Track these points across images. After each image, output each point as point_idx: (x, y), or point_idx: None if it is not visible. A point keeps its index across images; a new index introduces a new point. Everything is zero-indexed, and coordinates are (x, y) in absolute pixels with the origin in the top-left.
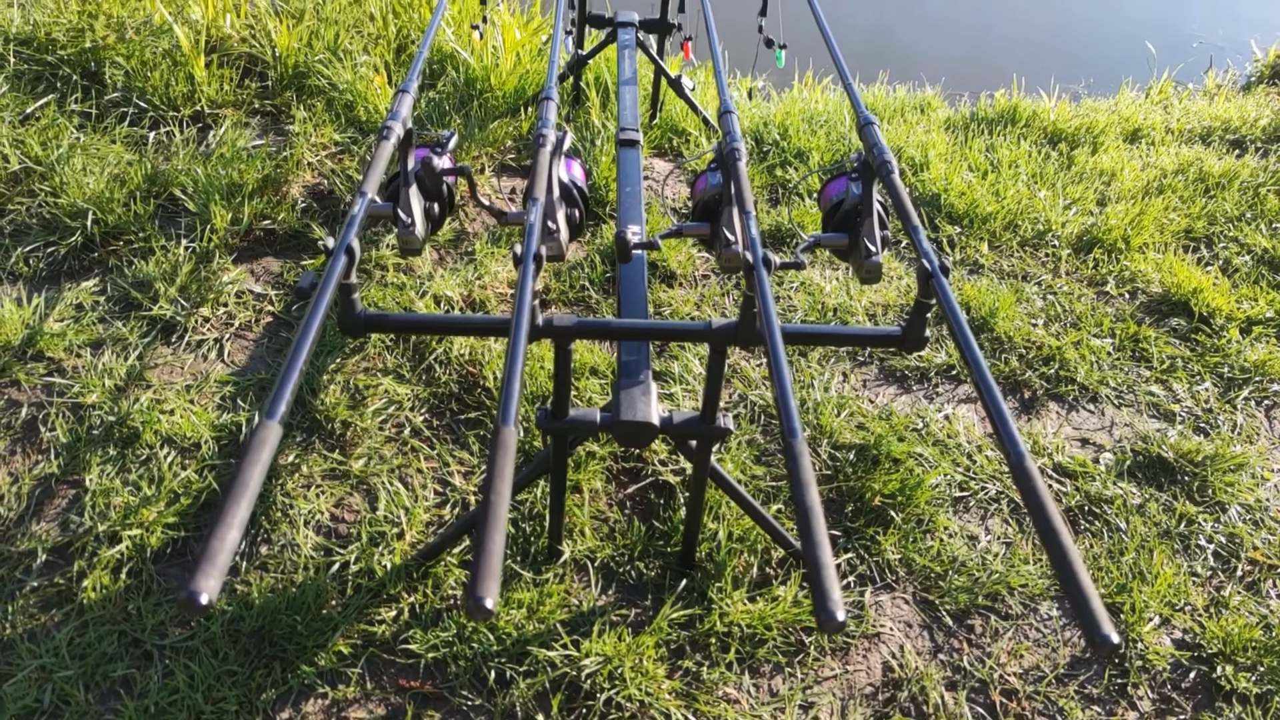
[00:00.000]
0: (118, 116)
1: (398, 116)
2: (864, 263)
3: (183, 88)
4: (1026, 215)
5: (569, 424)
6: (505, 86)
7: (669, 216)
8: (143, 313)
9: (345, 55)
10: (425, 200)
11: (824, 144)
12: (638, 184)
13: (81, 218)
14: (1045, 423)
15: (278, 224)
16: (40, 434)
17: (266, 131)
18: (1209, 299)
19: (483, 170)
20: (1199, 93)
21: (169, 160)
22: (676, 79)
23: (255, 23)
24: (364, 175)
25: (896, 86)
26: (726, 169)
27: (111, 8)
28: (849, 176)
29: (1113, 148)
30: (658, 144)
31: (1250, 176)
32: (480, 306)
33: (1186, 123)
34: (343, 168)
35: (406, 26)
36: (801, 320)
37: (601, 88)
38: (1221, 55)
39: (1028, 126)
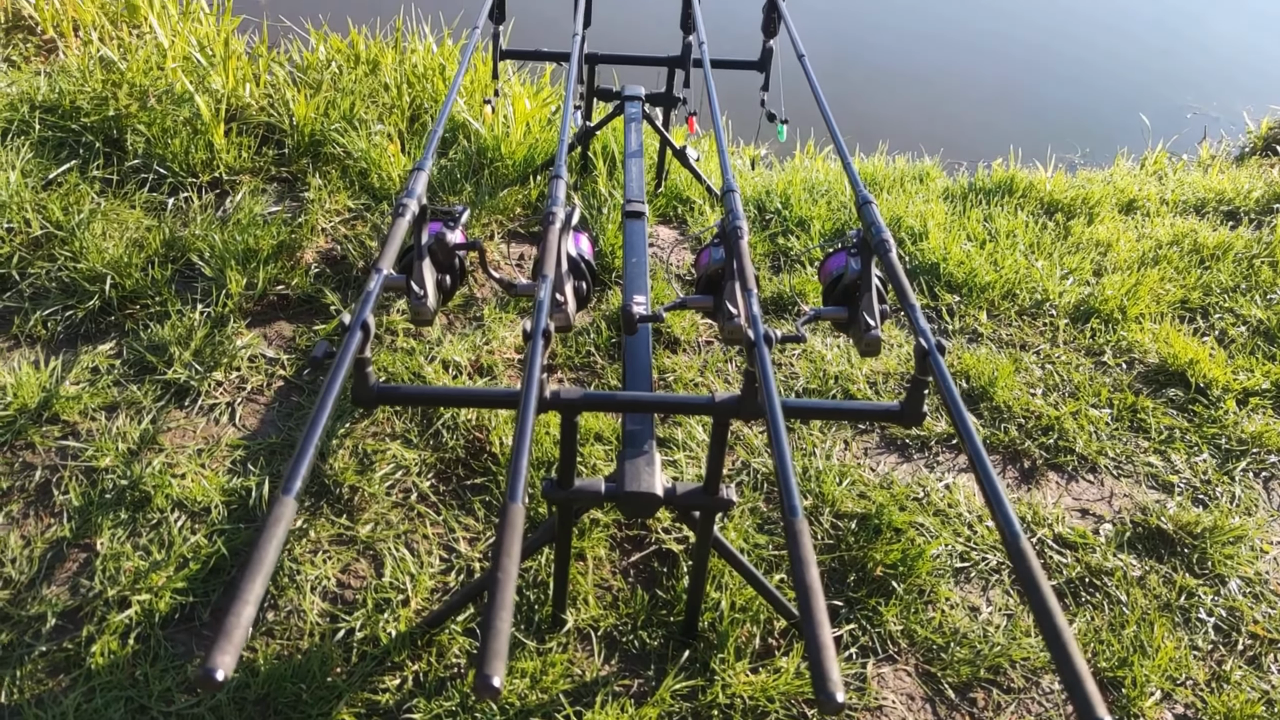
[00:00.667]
0: (138, 182)
1: (413, 194)
2: (863, 336)
3: (202, 155)
4: (1024, 285)
5: (575, 494)
6: (515, 155)
7: (673, 283)
8: (157, 376)
9: (360, 124)
10: (438, 272)
11: (825, 213)
12: (643, 254)
13: (100, 282)
14: (1045, 493)
15: (291, 289)
16: (54, 497)
17: (282, 198)
18: (1205, 370)
19: (492, 237)
20: (1193, 163)
21: (187, 226)
22: (681, 150)
23: (274, 92)
24: (380, 251)
25: (896, 157)
26: (729, 245)
27: (135, 77)
28: (848, 252)
29: (1108, 218)
30: (663, 212)
31: (1245, 248)
32: (488, 372)
33: (1181, 194)
34: (355, 233)
35: (420, 96)
36: (803, 387)
37: (608, 157)
38: (1215, 126)
39: (1025, 197)
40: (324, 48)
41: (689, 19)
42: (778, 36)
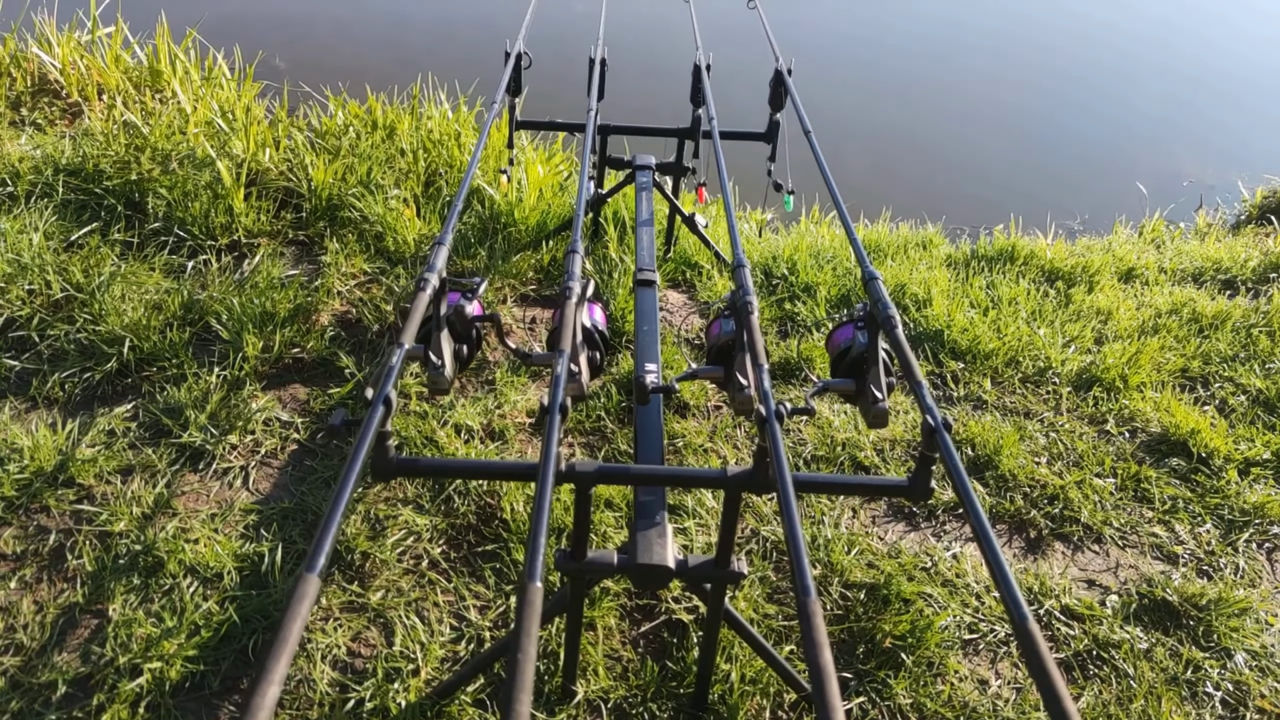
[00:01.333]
0: (158, 245)
1: (434, 268)
2: (871, 408)
3: (222, 218)
4: (1027, 352)
5: (588, 566)
6: (528, 221)
7: (682, 348)
8: (172, 440)
9: (377, 189)
10: (455, 342)
11: (830, 279)
12: (654, 322)
13: (118, 344)
14: (1051, 563)
15: (306, 352)
16: (67, 561)
17: (300, 260)
18: (1207, 439)
19: (505, 300)
20: (1190, 231)
21: (205, 288)
22: (690, 216)
23: (293, 157)
24: (402, 326)
25: (899, 224)
26: (740, 319)
27: (157, 141)
28: (855, 325)
29: (1108, 287)
30: (672, 276)
31: (1242, 317)
32: (500, 436)
33: (1179, 263)
34: (370, 296)
35: (435, 162)
36: (812, 455)
37: (619, 222)
38: (1211, 194)
39: (1026, 264)
40: (342, 113)
41: (699, 93)
42: (784, 110)
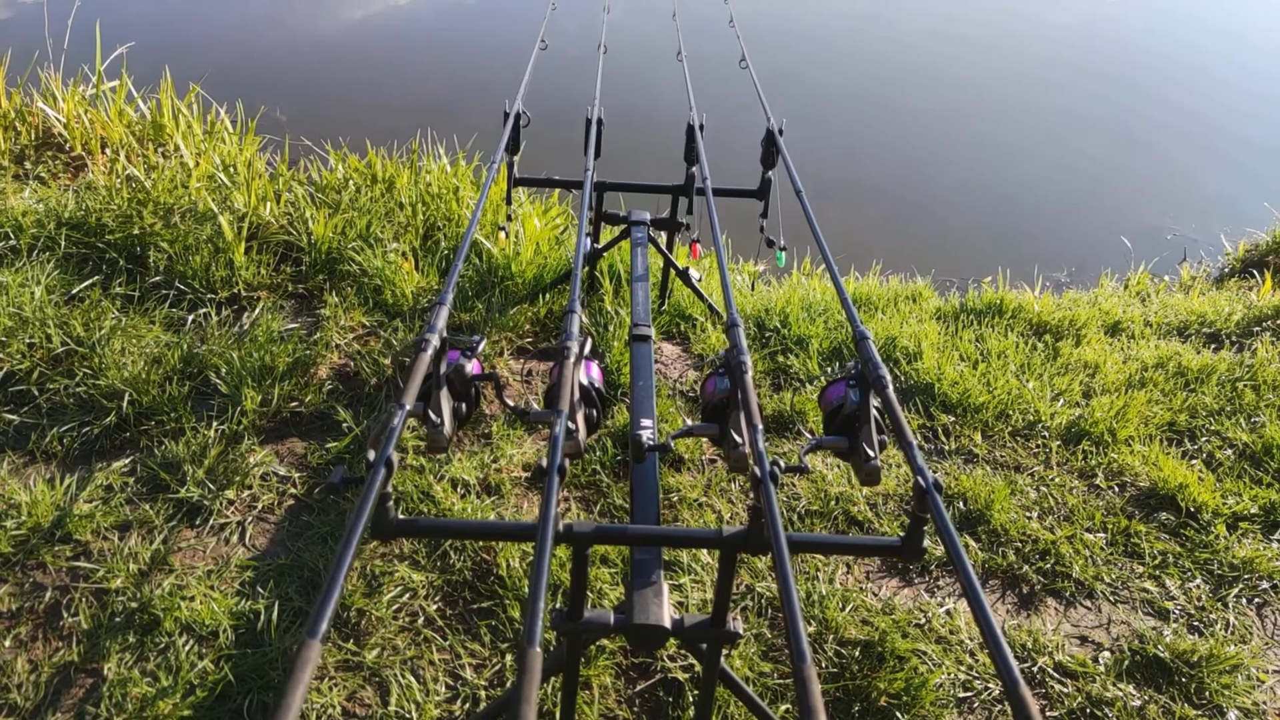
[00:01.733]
0: (158, 298)
1: (434, 329)
2: (864, 466)
3: (222, 272)
4: (1016, 406)
5: (584, 627)
6: (525, 274)
7: (677, 400)
8: (170, 495)
9: (376, 242)
10: (454, 400)
11: (822, 331)
12: (649, 378)
13: (118, 398)
14: (1044, 619)
15: (305, 405)
16: (63, 619)
17: (299, 313)
18: (1195, 494)
19: (502, 353)
20: (1175, 284)
21: (205, 342)
22: (684, 270)
23: (294, 210)
24: (402, 384)
25: (889, 277)
26: (734, 378)
27: (160, 195)
28: (847, 383)
29: (1095, 340)
30: (666, 329)
31: (1227, 371)
32: (496, 490)
33: (1164, 316)
34: (368, 349)
35: (433, 215)
36: (805, 509)
37: (614, 275)
38: (1195, 247)
39: (1014, 318)
40: (343, 167)
41: (692, 151)
42: (776, 168)
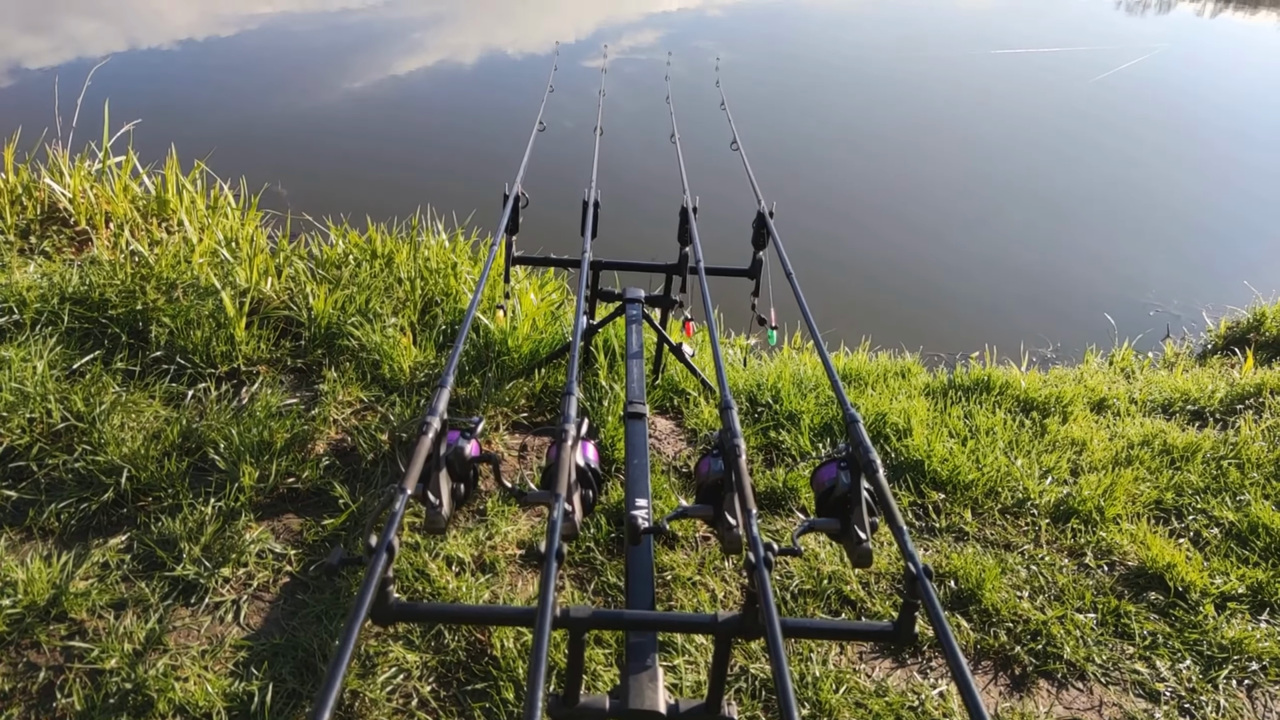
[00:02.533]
0: (159, 373)
1: (435, 411)
2: (855, 548)
3: (223, 346)
4: (1005, 483)
5: (580, 712)
6: (521, 349)
7: (671, 476)
8: (166, 572)
9: (375, 317)
10: (453, 481)
11: (813, 407)
12: (644, 455)
13: (116, 474)
14: (1036, 701)
15: (302, 481)
16: (56, 700)
17: (297, 388)
18: (1183, 573)
19: (498, 428)
20: (1159, 361)
21: (204, 417)
22: (678, 346)
23: (294, 285)
24: (404, 469)
25: (879, 352)
26: (728, 461)
27: (163, 270)
28: (838, 464)
29: (1081, 417)
30: (660, 403)
31: (1212, 449)
32: (490, 568)
33: (1149, 393)
34: (365, 424)
35: (431, 290)
36: (799, 588)
37: (609, 350)
38: (1177, 323)
39: (1002, 394)
40: (343, 243)
41: (685, 232)
42: (767, 248)
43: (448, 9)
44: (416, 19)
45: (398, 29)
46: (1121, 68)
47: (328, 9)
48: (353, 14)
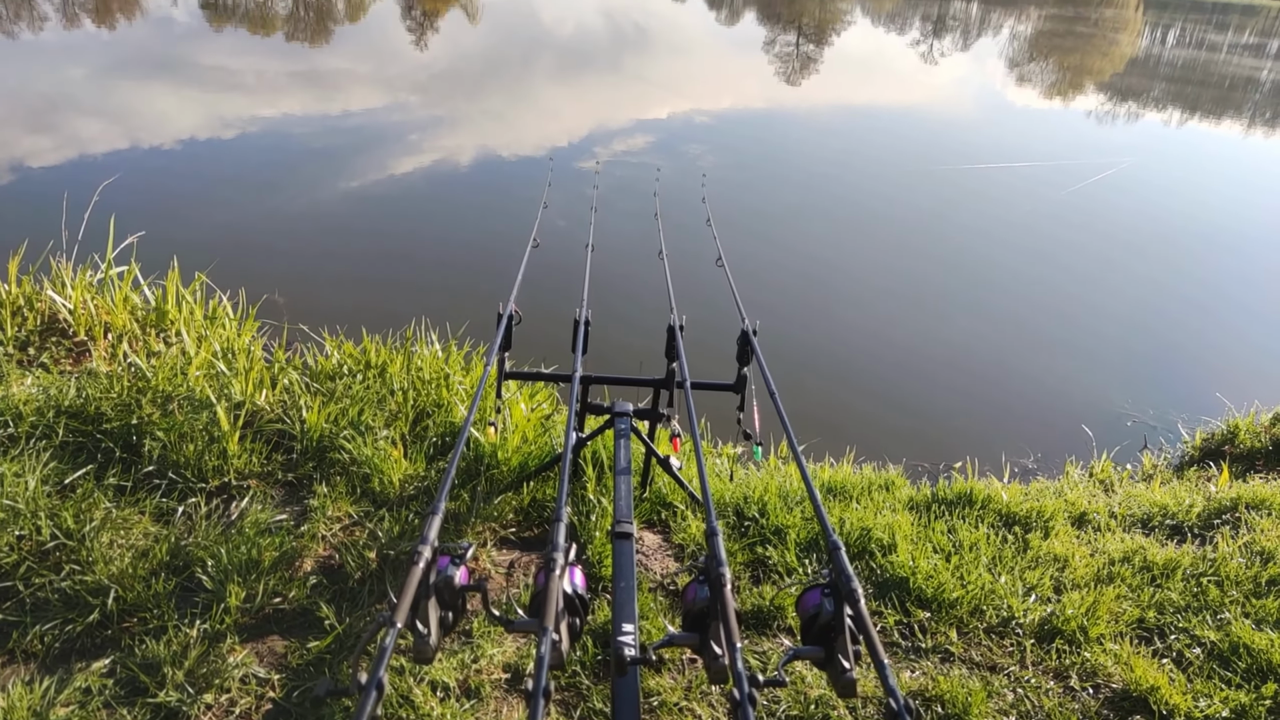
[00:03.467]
0: (150, 488)
1: (427, 540)
2: (839, 678)
3: (214, 461)
4: (990, 602)
5: None
6: (510, 462)
7: (658, 595)
8: (148, 699)
9: (367, 430)
10: (441, 609)
11: (799, 521)
12: (631, 578)
13: (103, 594)
14: None
15: (288, 601)
16: None
17: (287, 502)
18: (1167, 696)
19: (485, 544)
20: (1138, 473)
21: (192, 533)
22: (665, 459)
23: (288, 398)
24: (396, 603)
25: (863, 464)
26: (713, 589)
27: (159, 384)
28: (822, 591)
29: (1063, 532)
30: (648, 517)
31: (1191, 566)
32: (475, 694)
33: (1128, 508)
34: (354, 540)
35: (424, 401)
36: (785, 714)
37: (597, 463)
38: (1154, 434)
39: (984, 508)
40: (338, 354)
41: (672, 348)
42: (751, 364)
43: (445, 112)
44: (414, 122)
45: (395, 131)
46: (1092, 180)
47: (328, 112)
48: (353, 116)
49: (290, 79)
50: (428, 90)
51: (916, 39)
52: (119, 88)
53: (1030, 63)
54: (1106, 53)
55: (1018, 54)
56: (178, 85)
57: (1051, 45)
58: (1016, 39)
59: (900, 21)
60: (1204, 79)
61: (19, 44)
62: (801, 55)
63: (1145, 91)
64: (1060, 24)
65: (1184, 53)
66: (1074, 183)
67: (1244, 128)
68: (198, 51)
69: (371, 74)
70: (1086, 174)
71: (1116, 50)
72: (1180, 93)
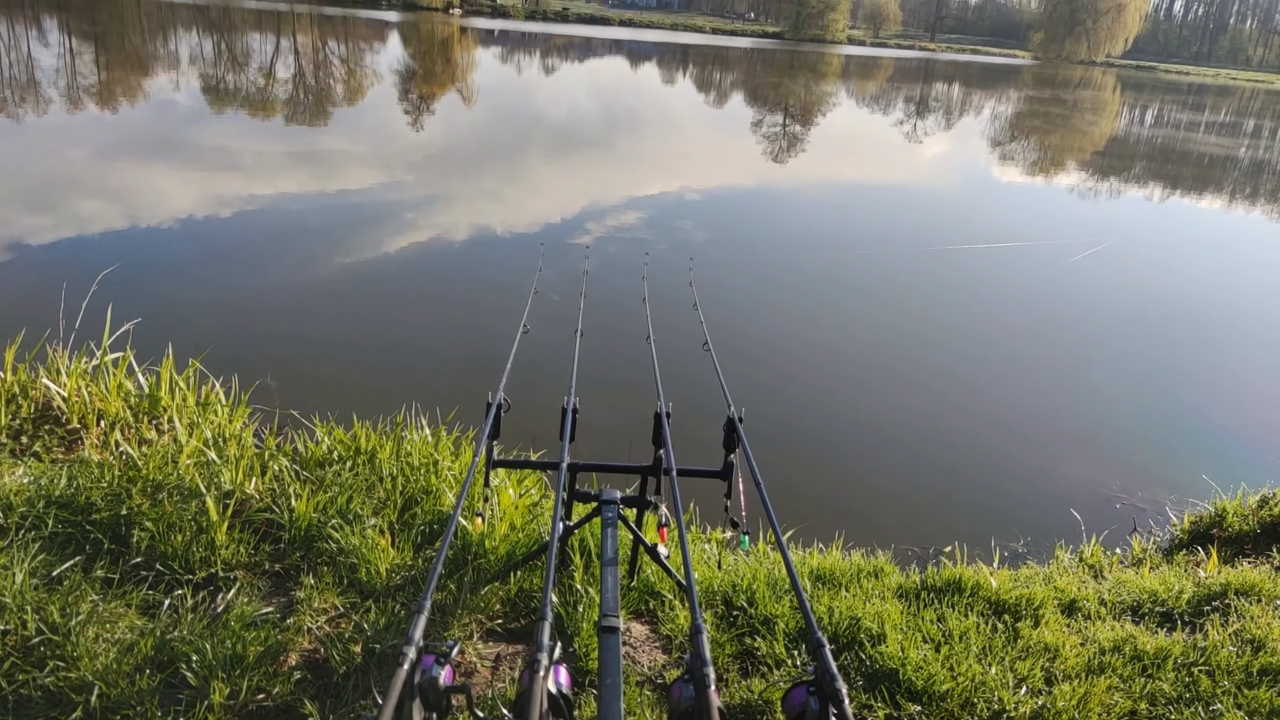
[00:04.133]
0: (138, 580)
1: (412, 640)
2: None
3: (202, 552)
4: (981, 694)
5: None
6: (497, 551)
7: (645, 690)
8: None
9: (355, 519)
10: (425, 710)
11: (788, 611)
12: (618, 675)
13: (87, 691)
14: None
15: (272, 698)
16: None
17: (274, 593)
18: None
19: (471, 636)
20: (1127, 556)
21: (178, 627)
22: (653, 547)
23: (277, 485)
24: (380, 704)
25: (852, 551)
26: (698, 689)
27: (150, 473)
28: (808, 689)
29: (1053, 620)
30: (635, 608)
31: (1182, 655)
32: None
33: (1118, 595)
34: (340, 632)
35: (412, 489)
36: None
37: (584, 551)
38: (1143, 516)
39: (974, 596)
40: (328, 439)
41: (659, 436)
42: (737, 451)
43: (441, 190)
44: (410, 200)
45: (390, 210)
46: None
47: (325, 190)
48: (349, 195)
49: (288, 159)
50: (424, 169)
51: (900, 119)
52: (120, 168)
53: (1012, 141)
54: (1086, 132)
55: (999, 133)
56: (178, 165)
57: (1032, 125)
58: (998, 119)
59: (884, 102)
60: (1183, 156)
61: (24, 125)
62: (788, 134)
63: (1126, 169)
64: (1039, 105)
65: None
66: (1060, 260)
67: (1225, 203)
68: (199, 133)
69: (368, 154)
70: (1071, 252)
71: (1096, 130)
72: (1161, 170)
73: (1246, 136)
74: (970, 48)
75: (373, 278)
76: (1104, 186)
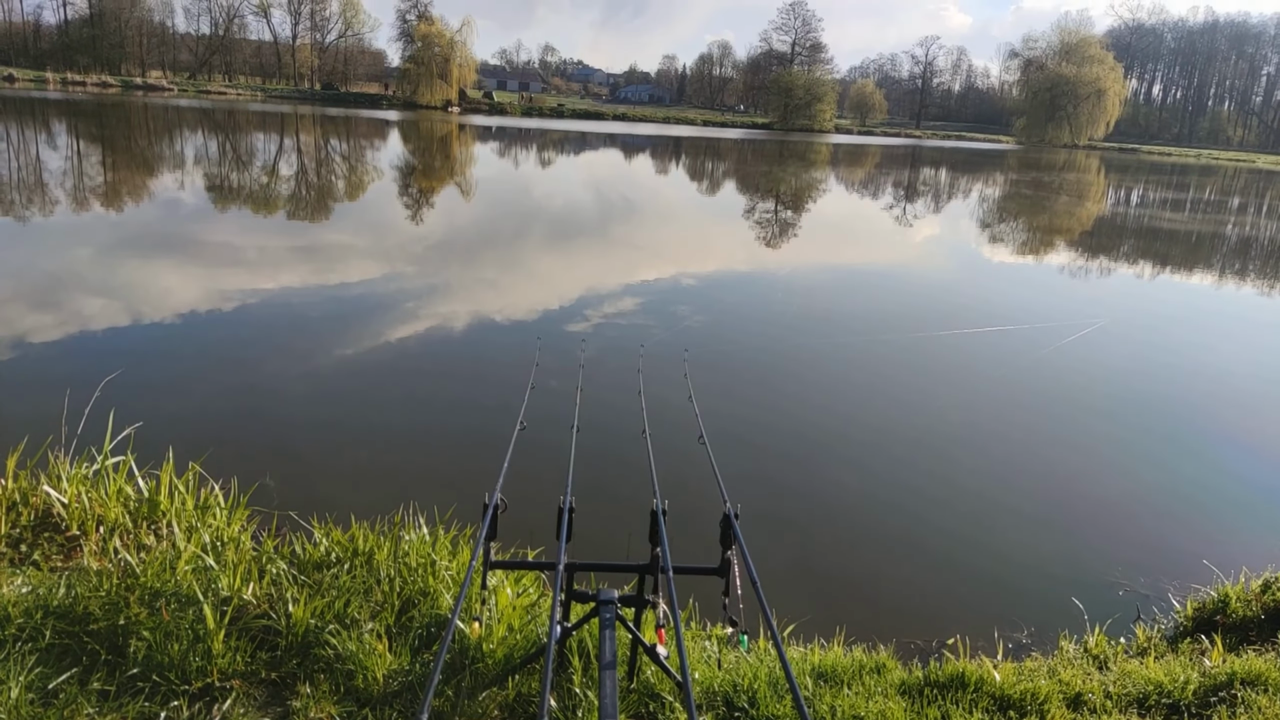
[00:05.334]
0: (134, 692)
1: None
2: None
3: (198, 661)
4: None
5: None
6: (495, 654)
7: None
8: None
9: (352, 624)
10: None
11: (789, 711)
12: None
13: None
14: None
15: None
16: None
17: (270, 703)
18: None
19: None
20: (1132, 645)
21: None
22: (651, 647)
23: (275, 590)
24: None
25: (854, 646)
26: None
27: (148, 581)
28: None
29: (1058, 716)
30: (635, 709)
31: None
32: None
33: (1124, 687)
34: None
35: (410, 590)
36: None
37: (583, 652)
38: (1146, 603)
39: (977, 692)
40: (326, 540)
41: (655, 533)
42: (734, 548)
43: (440, 280)
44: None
45: (390, 300)
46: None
47: (326, 282)
48: (350, 287)
49: (291, 253)
50: (423, 260)
51: (890, 203)
52: (125, 265)
53: (1000, 223)
54: (1073, 213)
55: (987, 215)
56: (183, 262)
57: (1019, 207)
58: (985, 200)
59: (873, 187)
60: (1170, 235)
61: (30, 227)
62: (780, 220)
63: (1114, 247)
64: (1025, 188)
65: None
66: (1051, 343)
67: (1214, 281)
68: (203, 230)
69: (369, 246)
70: (1063, 334)
71: (1083, 210)
72: (1149, 248)
73: (1232, 213)
74: (955, 134)
75: (374, 371)
76: (1093, 265)
